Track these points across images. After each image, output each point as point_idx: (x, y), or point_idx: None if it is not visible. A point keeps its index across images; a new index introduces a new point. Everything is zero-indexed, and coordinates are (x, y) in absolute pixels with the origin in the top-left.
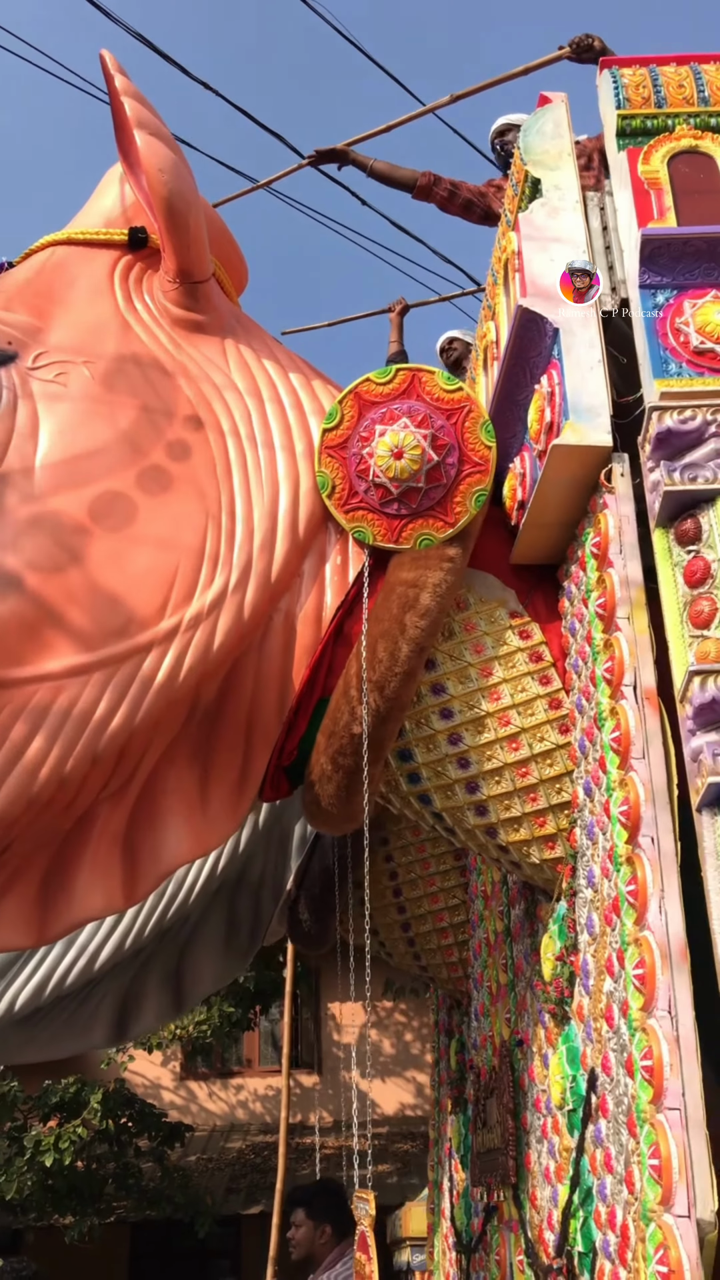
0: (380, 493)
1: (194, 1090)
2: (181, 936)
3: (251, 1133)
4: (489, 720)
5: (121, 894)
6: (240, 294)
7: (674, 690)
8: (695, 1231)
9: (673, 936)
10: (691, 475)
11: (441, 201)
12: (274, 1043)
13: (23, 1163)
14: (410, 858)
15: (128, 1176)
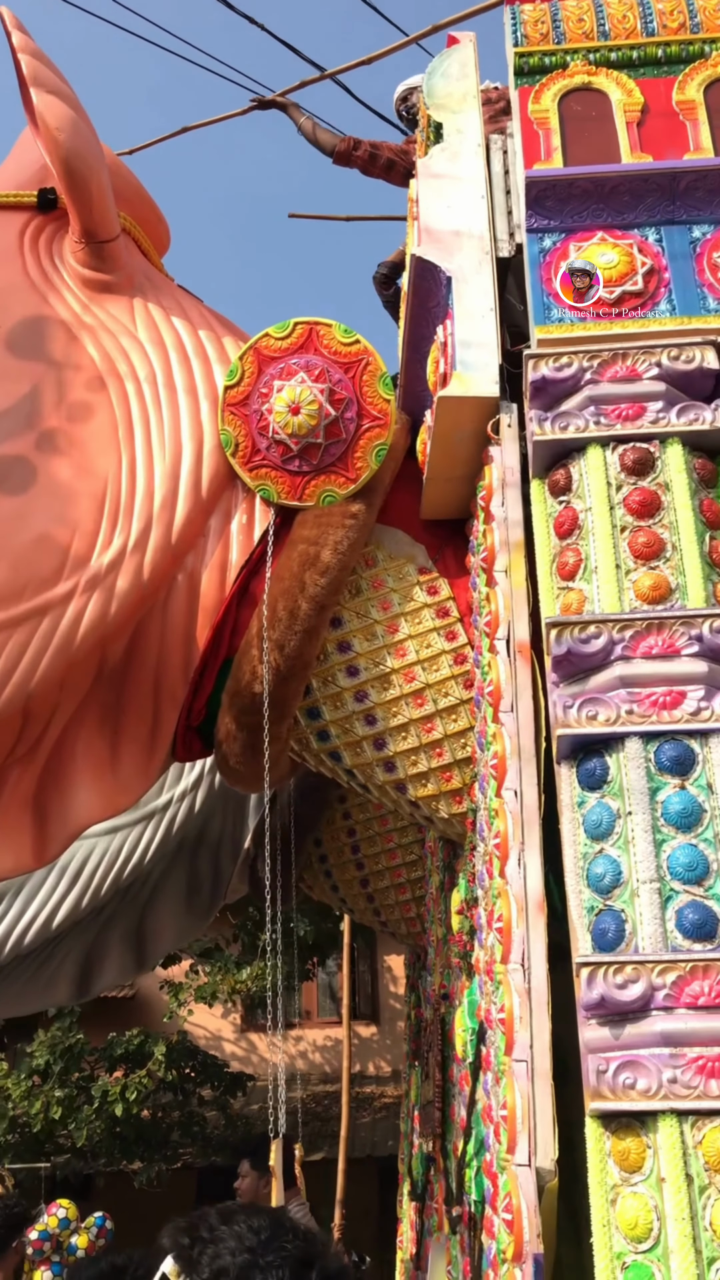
0: (281, 449)
1: (254, 1042)
2: (142, 895)
3: (312, 1082)
4: (394, 676)
5: (31, 854)
6: (164, 253)
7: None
8: (534, 1179)
9: (530, 889)
10: (563, 424)
11: (363, 165)
12: (332, 995)
13: (91, 1111)
14: (368, 814)
15: (192, 1124)
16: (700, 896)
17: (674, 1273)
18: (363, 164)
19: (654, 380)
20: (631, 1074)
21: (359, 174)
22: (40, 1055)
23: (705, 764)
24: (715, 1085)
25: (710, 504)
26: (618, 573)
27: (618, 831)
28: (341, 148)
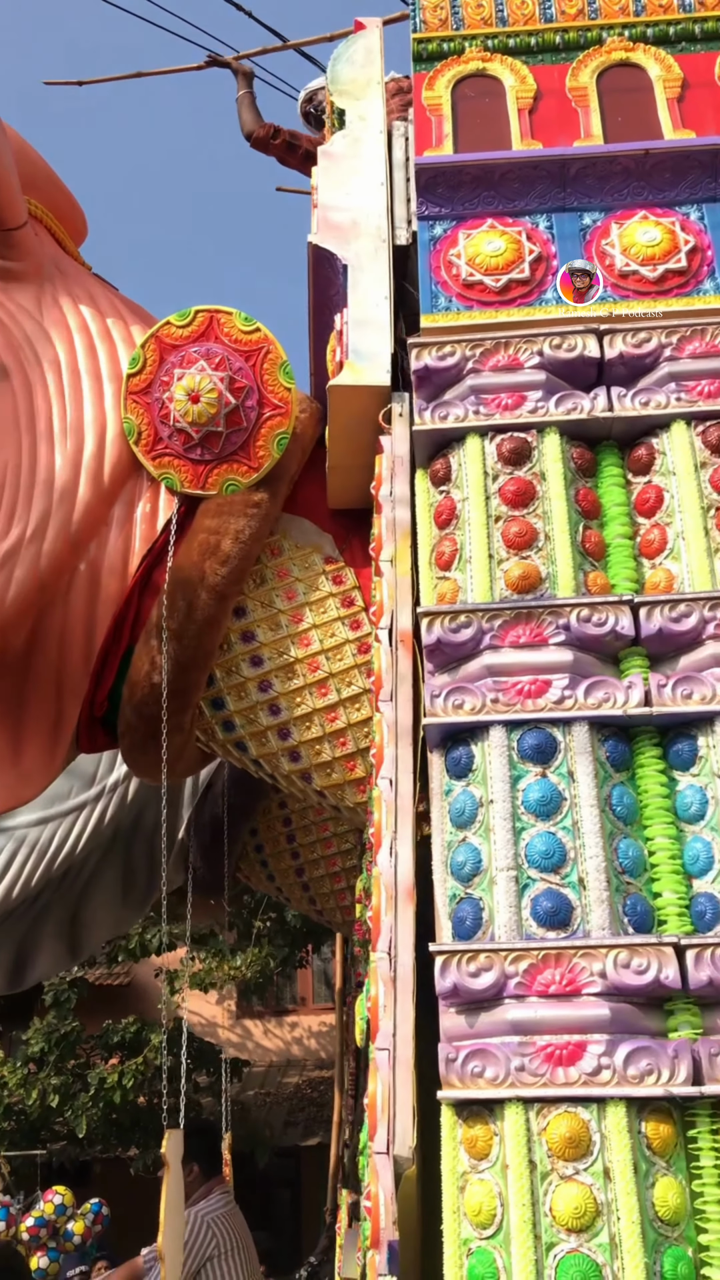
0: (183, 438)
1: (249, 1028)
2: (76, 886)
3: (307, 1068)
4: (298, 666)
5: None
6: (81, 240)
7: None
8: (391, 1167)
9: (400, 877)
10: (443, 414)
11: (280, 153)
12: (327, 981)
13: (87, 1098)
14: (303, 804)
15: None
16: (556, 884)
17: (514, 1258)
18: (280, 152)
19: (535, 369)
20: (481, 1062)
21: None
22: (36, 1043)
23: (568, 752)
24: (562, 1073)
25: (587, 494)
26: (490, 562)
27: (480, 820)
28: (260, 133)
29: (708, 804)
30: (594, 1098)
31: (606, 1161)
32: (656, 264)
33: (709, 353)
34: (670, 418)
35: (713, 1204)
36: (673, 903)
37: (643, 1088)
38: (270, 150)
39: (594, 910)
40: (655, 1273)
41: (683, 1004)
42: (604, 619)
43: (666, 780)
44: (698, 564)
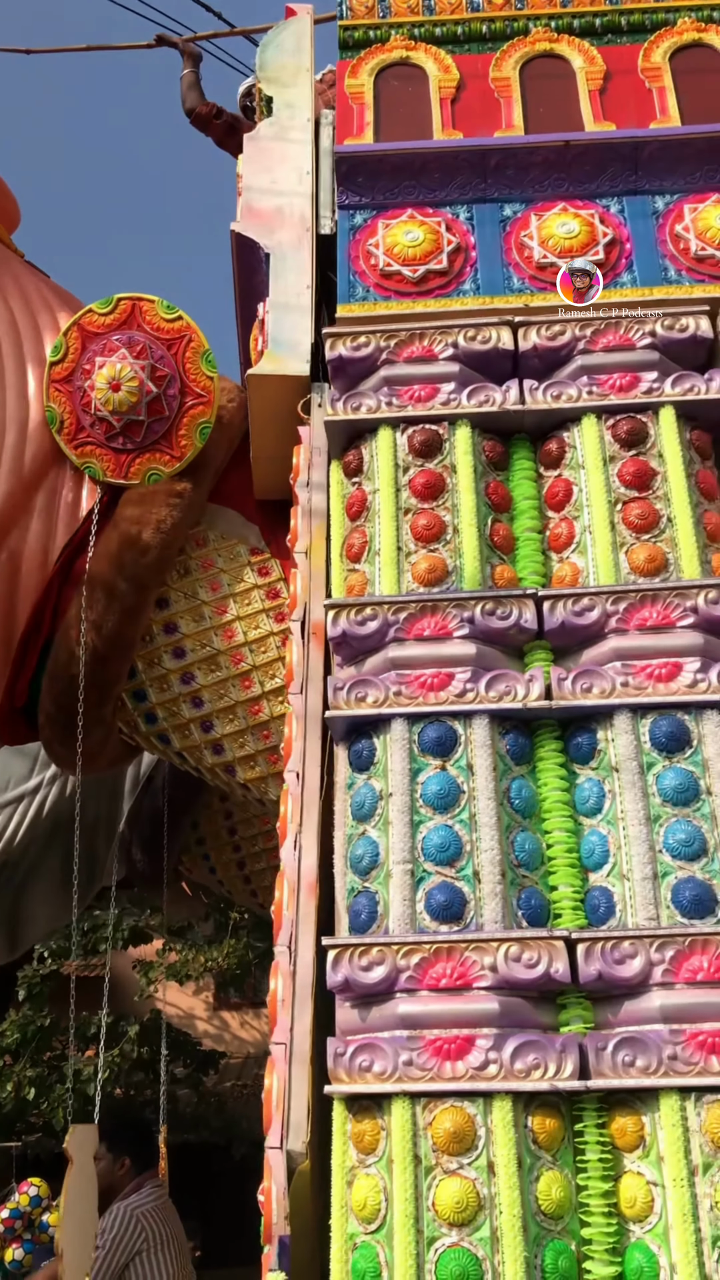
0: (105, 427)
1: (227, 1020)
2: (16, 879)
3: None
4: (221, 658)
5: None
6: (13, 227)
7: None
8: (284, 1163)
9: (304, 871)
10: (355, 404)
11: (219, 135)
12: None
13: (63, 1090)
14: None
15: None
16: (450, 878)
17: (395, 1252)
18: (219, 133)
19: (449, 361)
20: (369, 1056)
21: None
22: (11, 1035)
23: (467, 745)
24: (450, 1067)
25: (497, 487)
26: (398, 555)
27: (379, 813)
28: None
29: (605, 797)
30: (480, 1092)
31: (491, 1156)
32: (574, 256)
33: (622, 346)
34: (581, 411)
35: (596, 1197)
36: (568, 896)
37: (529, 1082)
38: (210, 129)
39: (487, 904)
40: (536, 1266)
41: (575, 998)
42: (508, 612)
43: (566, 774)
44: (603, 558)
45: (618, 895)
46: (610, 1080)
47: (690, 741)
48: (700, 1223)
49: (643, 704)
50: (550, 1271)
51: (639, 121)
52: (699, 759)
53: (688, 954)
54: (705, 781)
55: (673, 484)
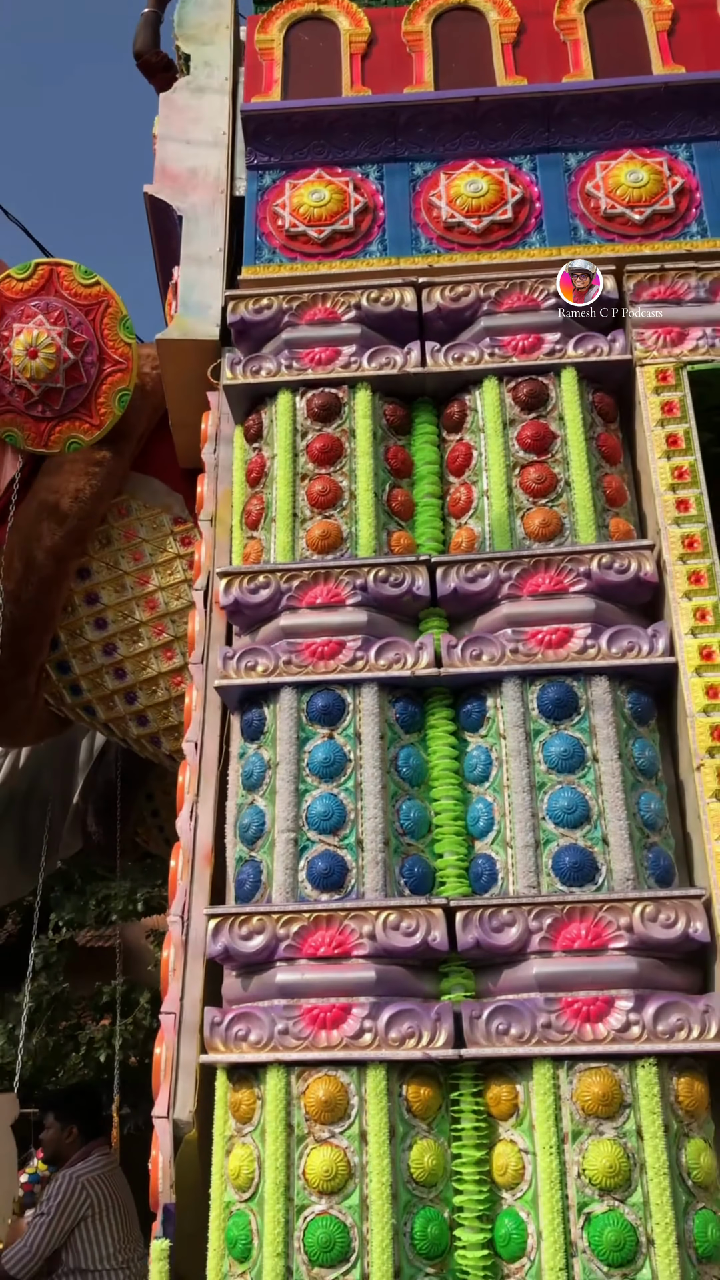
0: (23, 395)
1: None
2: None
3: None
4: (143, 629)
5: None
6: None
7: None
8: (171, 1131)
9: (199, 842)
10: (255, 368)
11: (162, 86)
12: None
13: (79, 1058)
14: None
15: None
16: (333, 846)
17: (265, 1219)
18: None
19: (351, 323)
20: (246, 1026)
21: None
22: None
23: (356, 714)
24: (325, 1036)
25: (398, 451)
26: (294, 521)
27: (267, 782)
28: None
29: (492, 765)
30: (354, 1061)
31: (363, 1125)
32: (482, 216)
33: (526, 307)
34: (482, 373)
35: (469, 1165)
36: (452, 864)
37: (402, 1051)
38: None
39: (369, 872)
40: (405, 1233)
41: (456, 966)
42: (401, 579)
43: (456, 742)
44: (499, 523)
45: (500, 863)
46: (484, 1049)
47: (578, 708)
48: (568, 1189)
49: (531, 670)
50: (419, 1238)
51: (552, 76)
52: (586, 725)
53: (566, 922)
54: (591, 748)
55: (572, 447)
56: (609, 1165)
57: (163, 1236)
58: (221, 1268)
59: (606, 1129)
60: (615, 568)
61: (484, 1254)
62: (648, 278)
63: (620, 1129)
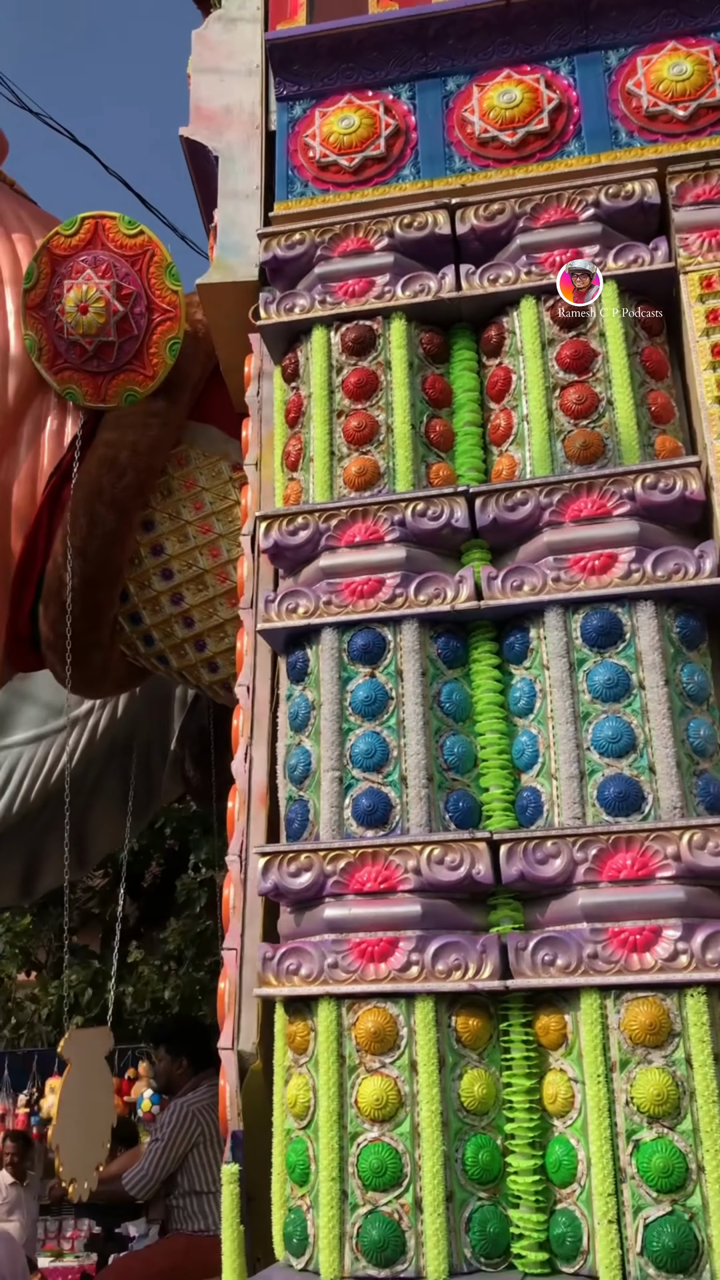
0: (79, 351)
1: None
2: (80, 799)
3: None
4: (208, 577)
5: None
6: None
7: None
8: (236, 1062)
9: (254, 783)
10: (289, 306)
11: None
12: None
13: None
14: None
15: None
16: (377, 784)
17: (321, 1146)
18: None
19: (384, 251)
20: (297, 960)
21: None
22: (172, 942)
23: (396, 651)
24: (373, 969)
25: (435, 380)
26: (331, 460)
27: (312, 723)
28: None
29: (536, 697)
30: (402, 993)
31: (413, 1055)
32: (516, 127)
33: (563, 220)
34: (519, 293)
35: (520, 1094)
36: (498, 798)
37: (449, 983)
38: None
39: (413, 808)
40: (456, 1159)
41: (504, 899)
42: (439, 512)
43: (500, 675)
44: (539, 448)
45: (545, 795)
46: (530, 980)
47: (623, 635)
48: (615, 1118)
49: (574, 599)
50: (471, 1164)
51: None
52: (631, 653)
53: (611, 853)
54: (637, 676)
55: (614, 365)
56: (657, 1093)
57: (233, 1161)
58: (284, 1191)
59: (655, 1058)
60: (660, 488)
61: (535, 1179)
62: (691, 178)
63: (669, 1057)
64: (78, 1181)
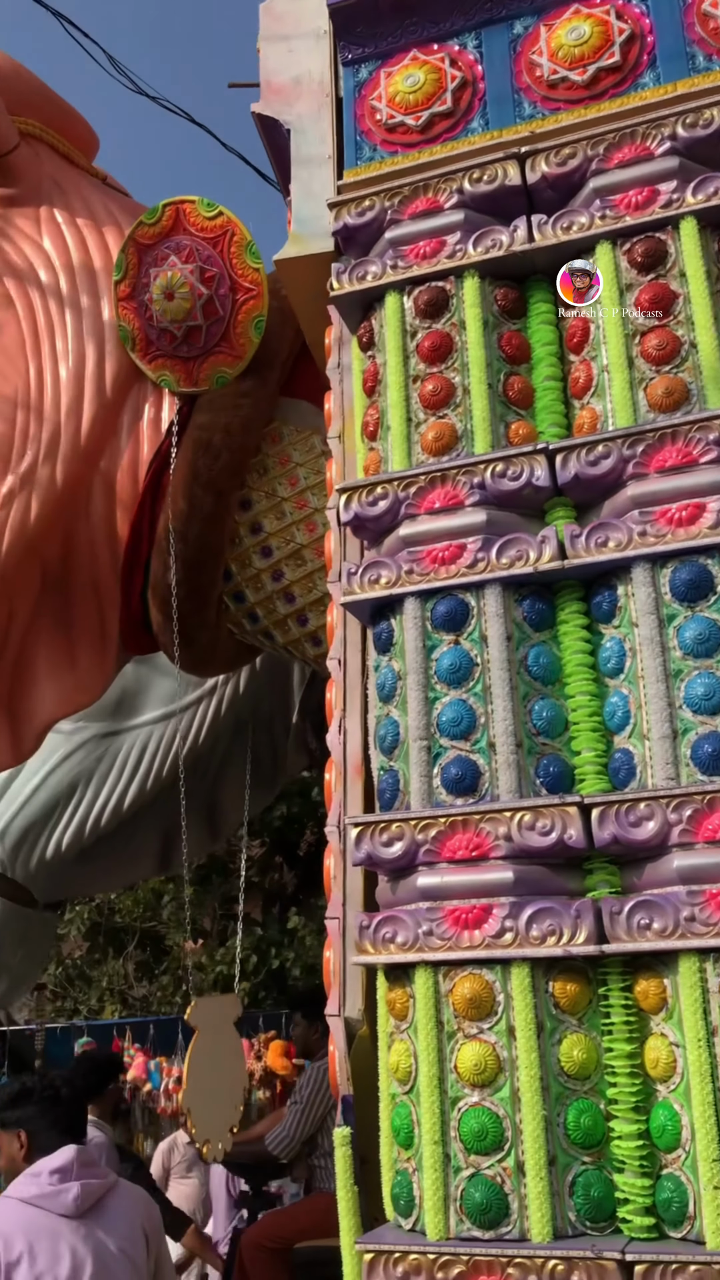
0: (168, 337)
1: None
2: (210, 774)
3: None
4: (306, 552)
5: (8, 751)
6: (93, 150)
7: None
8: (343, 1029)
9: (349, 755)
10: (361, 274)
11: None
12: None
13: None
14: None
15: None
16: (465, 751)
17: (422, 1110)
18: None
19: (454, 209)
20: (392, 928)
21: None
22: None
23: (480, 617)
24: (467, 936)
25: (513, 337)
26: (408, 427)
27: (399, 693)
28: None
29: (625, 656)
30: (497, 959)
31: (510, 1020)
32: (587, 65)
33: (638, 158)
34: (594, 239)
35: (620, 1059)
36: (590, 760)
37: (543, 948)
38: None
39: (503, 774)
40: (558, 1124)
41: (600, 863)
42: (519, 472)
43: (589, 636)
44: (620, 398)
45: (638, 756)
46: (626, 944)
47: (713, 588)
48: (718, 1082)
49: (660, 553)
50: (573, 1128)
51: None
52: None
53: (707, 813)
54: None
55: (695, 305)
56: None
57: (344, 1124)
58: (392, 1153)
59: None
60: None
61: (639, 1144)
62: None
63: None
64: (211, 1142)
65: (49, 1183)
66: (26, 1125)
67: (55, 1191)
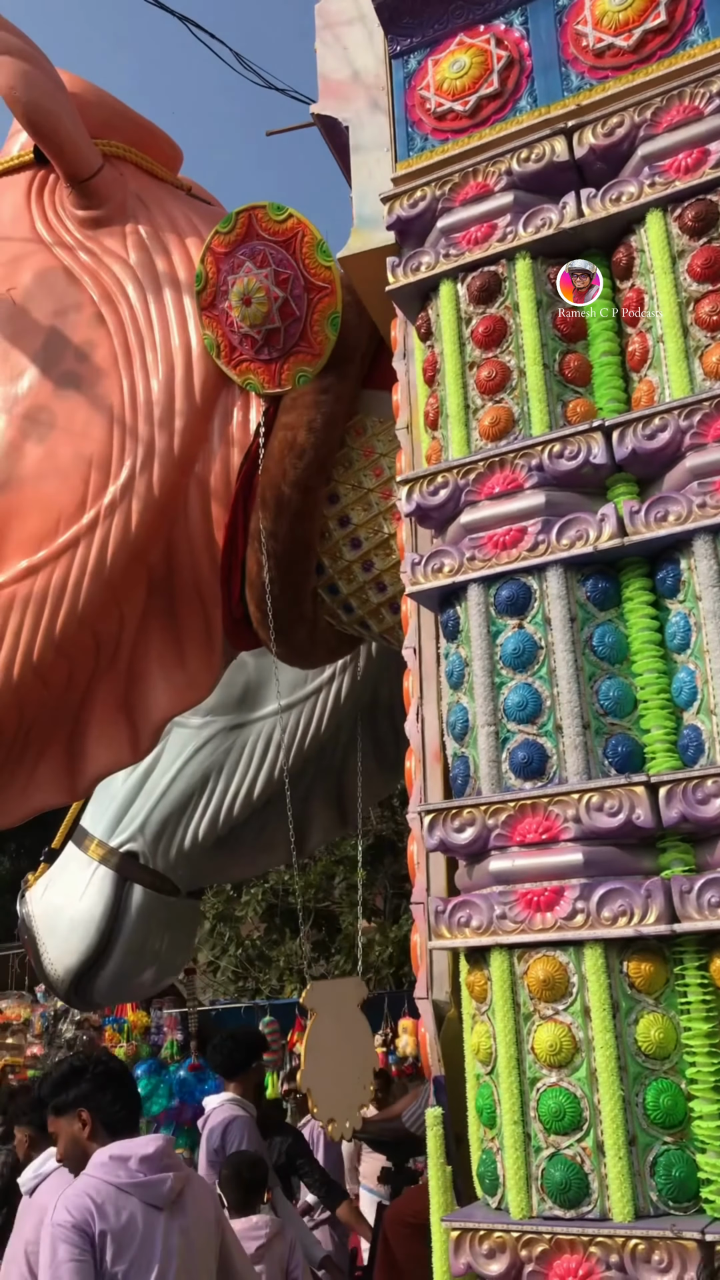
0: (250, 342)
1: None
2: (335, 761)
3: None
4: (393, 542)
5: (128, 750)
6: (177, 164)
7: None
8: (432, 1011)
9: (428, 742)
10: (414, 265)
11: None
12: None
13: None
14: None
15: None
16: (532, 735)
17: (502, 1091)
18: None
19: (504, 191)
20: (467, 912)
21: None
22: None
23: (543, 599)
24: (540, 918)
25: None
26: (466, 414)
27: (466, 679)
28: None
29: (690, 631)
30: (569, 941)
31: (585, 1001)
32: (632, 29)
33: (687, 119)
34: (643, 208)
35: (698, 1038)
36: (660, 738)
37: (615, 929)
38: None
39: (570, 757)
40: (637, 1104)
41: (673, 841)
42: (576, 451)
43: (655, 612)
44: (675, 369)
45: (706, 733)
46: (697, 923)
47: None
48: None
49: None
50: (652, 1108)
51: None
52: None
53: None
54: None
55: None
56: None
57: (436, 1105)
58: (478, 1133)
59: None
60: None
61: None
62: None
63: None
64: (336, 1122)
65: (139, 1169)
66: (86, 1103)
67: (148, 1181)
